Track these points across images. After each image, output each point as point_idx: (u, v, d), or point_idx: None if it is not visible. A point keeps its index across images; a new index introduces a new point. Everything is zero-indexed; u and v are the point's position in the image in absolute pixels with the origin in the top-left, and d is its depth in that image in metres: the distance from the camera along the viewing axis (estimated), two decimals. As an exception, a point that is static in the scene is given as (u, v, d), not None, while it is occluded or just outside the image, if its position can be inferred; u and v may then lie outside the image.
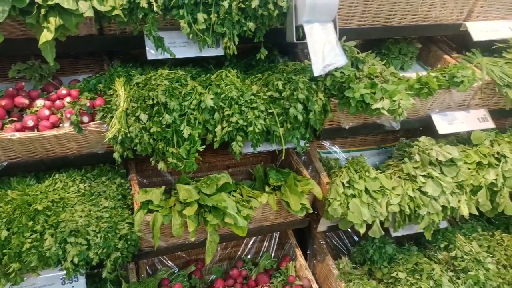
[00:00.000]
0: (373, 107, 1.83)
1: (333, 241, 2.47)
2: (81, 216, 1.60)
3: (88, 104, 1.68)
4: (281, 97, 1.82)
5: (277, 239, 2.48)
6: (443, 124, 2.13)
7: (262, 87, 1.86)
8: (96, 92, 1.81)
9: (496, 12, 2.24)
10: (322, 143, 2.51)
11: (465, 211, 2.01)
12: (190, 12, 1.62)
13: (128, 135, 1.59)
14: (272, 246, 2.46)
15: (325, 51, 1.65)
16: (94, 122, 1.67)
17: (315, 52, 1.64)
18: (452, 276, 2.06)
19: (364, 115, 1.98)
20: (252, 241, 2.46)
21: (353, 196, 1.91)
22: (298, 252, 2.29)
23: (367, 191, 1.94)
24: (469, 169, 2.12)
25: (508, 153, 2.15)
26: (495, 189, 2.08)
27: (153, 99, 1.59)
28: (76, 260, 1.53)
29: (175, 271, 2.24)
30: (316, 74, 1.67)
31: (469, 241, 2.21)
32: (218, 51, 1.80)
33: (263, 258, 2.32)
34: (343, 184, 1.94)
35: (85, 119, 1.68)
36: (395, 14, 2.03)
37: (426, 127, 2.19)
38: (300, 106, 1.81)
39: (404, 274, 2.02)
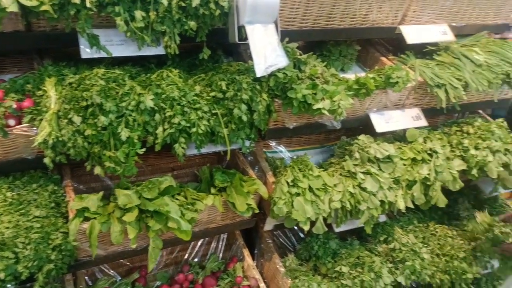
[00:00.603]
0: (315, 107, 1.87)
1: (280, 240, 2.50)
2: (7, 228, 1.47)
3: (14, 106, 1.55)
4: (225, 97, 1.80)
5: (225, 240, 2.46)
6: (381, 123, 2.24)
7: (206, 88, 1.83)
8: (24, 93, 1.67)
9: (427, 17, 2.39)
10: (268, 143, 2.53)
11: (401, 205, 2.13)
12: (127, 10, 1.55)
13: (60, 139, 1.49)
14: (220, 247, 2.44)
15: (267, 52, 1.66)
16: (21, 126, 1.54)
17: (257, 53, 1.64)
18: (391, 267, 2.17)
19: (307, 115, 2.03)
20: (199, 244, 2.42)
21: (298, 194, 1.94)
22: (246, 252, 2.29)
23: (310, 189, 1.98)
24: (404, 165, 2.24)
25: (440, 149, 2.31)
26: (428, 183, 2.22)
27: (87, 100, 1.50)
28: (2, 275, 1.40)
29: (117, 280, 2.14)
30: (258, 75, 1.68)
31: (406, 233, 2.34)
32: (159, 50, 1.74)
33: (210, 260, 2.30)
34: (287, 183, 1.97)
35: (11, 122, 1.55)
36: (335, 17, 2.09)
37: (365, 126, 2.29)
38: (244, 107, 1.80)
39: (347, 268, 2.09)
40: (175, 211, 1.65)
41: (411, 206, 2.19)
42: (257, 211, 1.97)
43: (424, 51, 2.50)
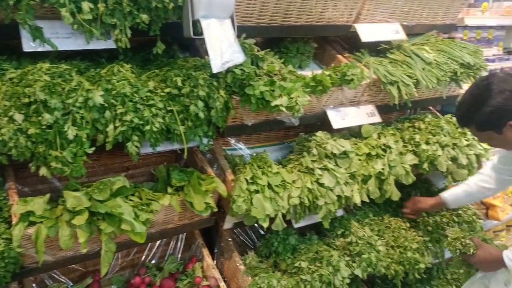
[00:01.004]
0: (273, 104, 1.87)
1: (241, 237, 2.48)
2: None
3: None
4: (180, 94, 1.75)
5: (183, 240, 2.40)
6: (337, 119, 2.27)
7: (160, 84, 1.77)
8: (-43, 89, 1.53)
9: (380, 16, 2.45)
10: (228, 140, 2.50)
11: (357, 199, 2.18)
12: (73, 1, 1.46)
13: (0, 138, 1.38)
14: (178, 248, 2.38)
15: (223, 48, 1.63)
16: (-45, 124, 1.41)
17: (213, 49, 1.61)
18: (349, 260, 2.21)
19: (266, 112, 2.02)
20: (156, 245, 2.35)
21: (257, 191, 1.93)
22: (205, 252, 2.26)
23: (269, 186, 1.98)
24: (360, 160, 2.29)
25: (393, 144, 2.38)
26: (382, 177, 2.29)
27: (29, 96, 1.40)
28: None
29: (69, 286, 2.03)
30: (215, 71, 1.64)
31: (362, 227, 2.40)
32: (109, 44, 1.66)
33: (168, 261, 2.24)
34: (246, 180, 1.95)
35: None
36: (291, 14, 2.10)
37: (323, 123, 2.32)
38: (201, 103, 1.76)
39: (306, 263, 2.11)
40: (129, 213, 1.58)
41: (367, 200, 2.25)
42: (216, 209, 1.94)
43: (377, 49, 2.57)
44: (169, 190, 1.94)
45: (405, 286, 2.60)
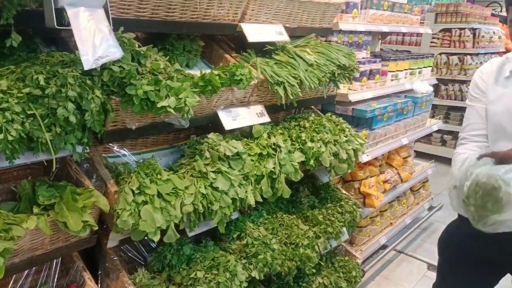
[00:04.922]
0: (159, 105, 1.71)
1: (129, 254, 2.25)
2: None
3: None
4: (45, 94, 1.48)
5: (59, 265, 2.06)
6: (228, 120, 2.22)
7: (17, 83, 1.47)
8: None
9: (265, 16, 2.48)
10: (109, 146, 2.23)
11: (251, 200, 2.15)
12: None
13: None
14: (53, 275, 2.03)
15: (96, 41, 1.41)
16: None
17: (83, 42, 1.38)
18: (245, 263, 2.18)
19: (151, 114, 1.85)
20: (24, 275, 1.97)
21: (145, 202, 1.75)
22: (87, 275, 1.97)
23: (159, 195, 1.82)
24: (252, 160, 2.28)
25: (282, 144, 2.43)
26: (274, 176, 2.31)
27: None
28: None
29: None
30: (86, 68, 1.42)
31: (257, 227, 2.39)
32: None
33: (39, 294, 1.89)
34: (132, 191, 1.76)
35: None
36: (175, 9, 1.96)
37: (215, 124, 2.24)
38: (71, 106, 1.51)
39: (202, 272, 2.01)
40: (-22, 245, 1.25)
41: (260, 200, 2.25)
42: (96, 228, 1.69)
43: (263, 50, 2.60)
44: (36, 210, 1.63)
45: (298, 279, 2.70)
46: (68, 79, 1.49)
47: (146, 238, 2.01)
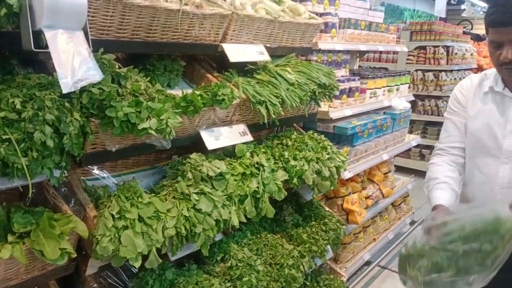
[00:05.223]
0: (140, 127, 1.68)
1: (109, 280, 2.16)
2: None
3: None
4: (21, 118, 1.44)
5: (35, 295, 1.97)
6: (211, 140, 2.20)
7: (-9, 107, 1.42)
8: None
9: (246, 37, 2.50)
10: (89, 168, 2.17)
11: (235, 221, 2.12)
12: None
13: None
14: (27, 305, 1.93)
15: (75, 64, 1.38)
16: None
17: (61, 65, 1.35)
18: (230, 286, 2.13)
19: (132, 135, 1.81)
20: (-4, 306, 1.87)
21: (126, 227, 1.70)
22: (64, 305, 1.89)
23: (141, 219, 1.77)
24: (235, 180, 2.25)
25: (265, 162, 2.42)
26: (257, 196, 2.29)
27: None
28: None
29: None
30: (65, 91, 1.38)
31: (241, 248, 2.36)
32: None
33: (13, 327, 1.79)
34: (112, 215, 1.70)
35: None
36: (156, 30, 1.96)
37: (197, 144, 2.22)
38: (49, 129, 1.47)
39: (186, 297, 1.95)
40: None
41: (244, 220, 2.22)
42: (74, 255, 1.63)
43: (245, 69, 2.62)
44: (10, 238, 1.55)
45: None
46: (46, 102, 1.46)
47: (126, 263, 1.95)
